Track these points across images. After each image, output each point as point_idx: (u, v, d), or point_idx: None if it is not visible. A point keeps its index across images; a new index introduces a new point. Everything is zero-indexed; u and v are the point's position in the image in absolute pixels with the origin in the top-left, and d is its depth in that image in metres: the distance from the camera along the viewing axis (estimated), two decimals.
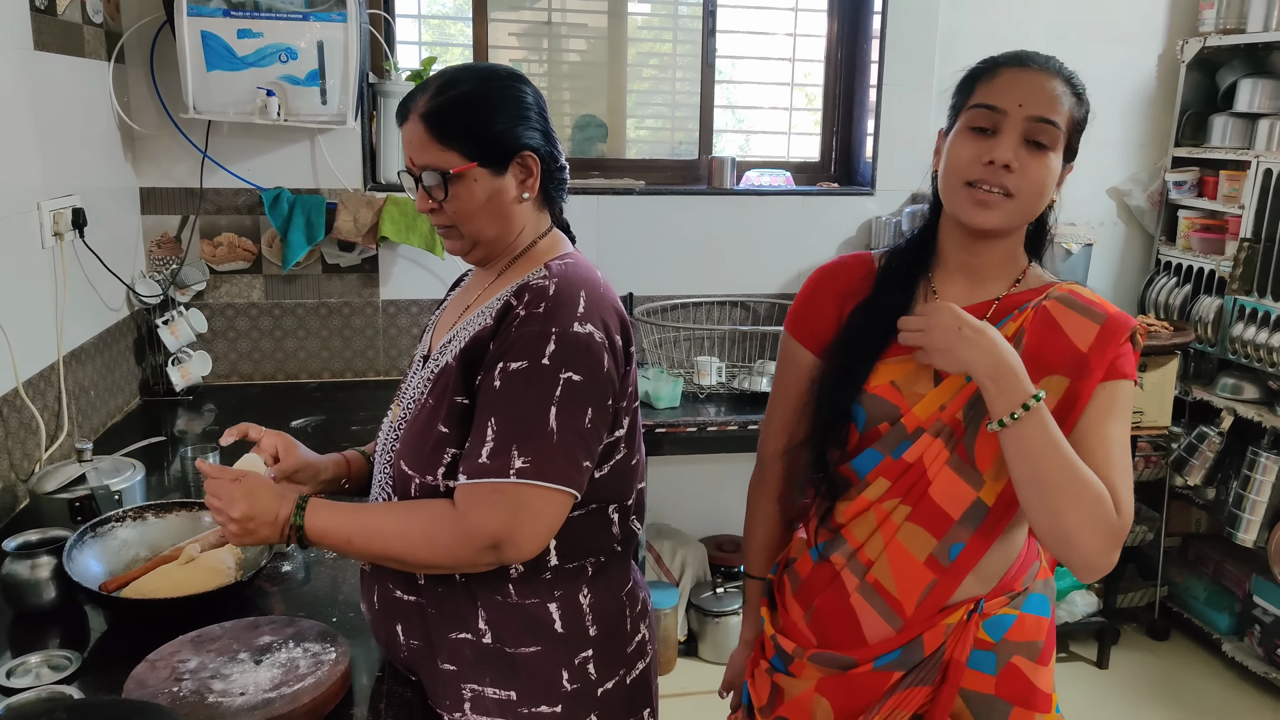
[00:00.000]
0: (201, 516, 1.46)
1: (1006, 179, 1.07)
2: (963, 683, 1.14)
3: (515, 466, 1.02)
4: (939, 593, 1.13)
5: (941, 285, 1.17)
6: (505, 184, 1.12)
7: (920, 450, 1.11)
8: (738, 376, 2.70)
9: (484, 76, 1.12)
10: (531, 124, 1.13)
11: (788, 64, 3.02)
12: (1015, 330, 1.11)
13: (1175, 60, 3.01)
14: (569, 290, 1.08)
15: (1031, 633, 1.17)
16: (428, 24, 2.88)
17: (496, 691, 1.12)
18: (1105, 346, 1.08)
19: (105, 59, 2.23)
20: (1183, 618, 2.99)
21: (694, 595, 2.85)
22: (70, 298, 1.94)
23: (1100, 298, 1.14)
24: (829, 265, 1.26)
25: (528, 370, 1.04)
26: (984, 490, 1.10)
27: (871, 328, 1.16)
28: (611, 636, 1.18)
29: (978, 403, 1.09)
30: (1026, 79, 1.09)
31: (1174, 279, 3.02)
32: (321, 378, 2.64)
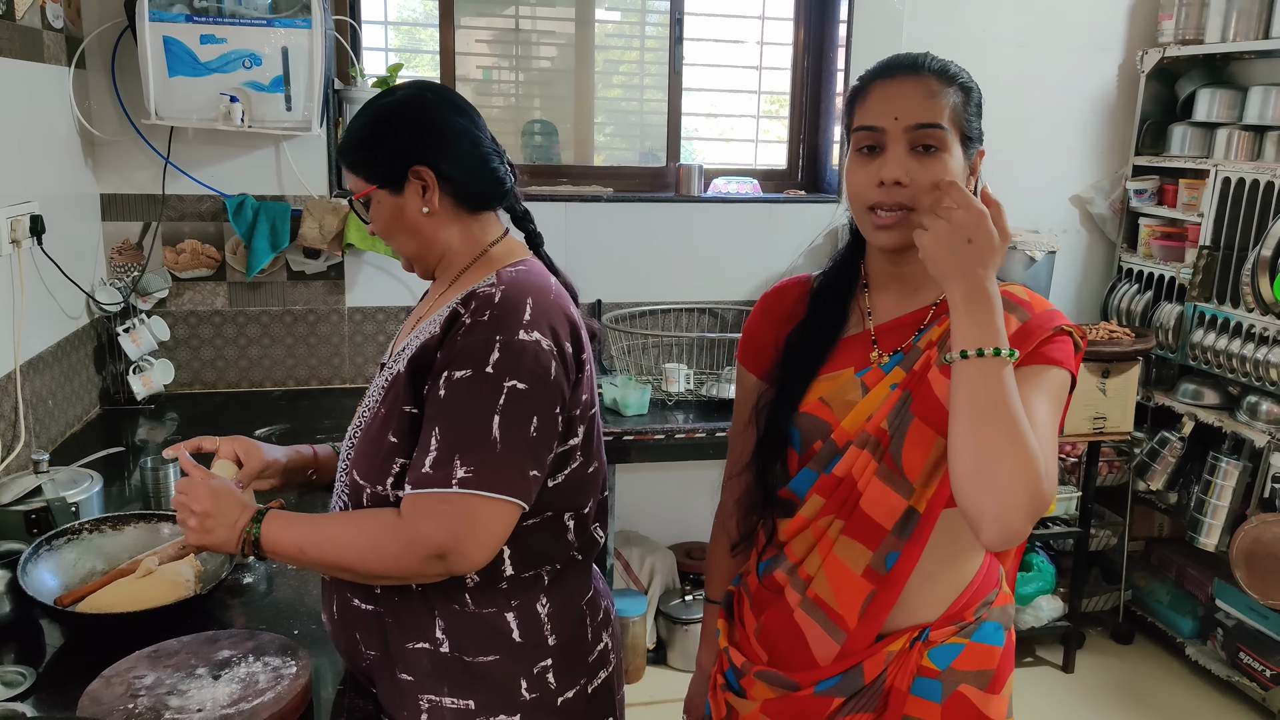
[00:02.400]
0: (160, 528, 1.44)
1: (900, 195, 1.06)
2: (908, 710, 1.13)
3: (458, 476, 1.02)
4: (879, 603, 1.11)
5: (875, 300, 1.17)
6: (405, 200, 1.15)
7: (849, 463, 1.11)
8: (706, 383, 2.70)
9: (378, 104, 1.17)
10: (432, 140, 1.14)
11: (755, 72, 3.05)
12: (941, 333, 1.10)
13: (1135, 70, 3.07)
14: (515, 297, 1.08)
15: (981, 661, 1.14)
16: (397, 30, 2.87)
17: (455, 701, 1.12)
18: (1025, 340, 1.05)
19: (65, 64, 2.20)
20: (1146, 621, 3.03)
21: (663, 603, 2.85)
22: (28, 306, 1.91)
23: (1036, 298, 1.12)
24: (770, 291, 1.28)
25: (471, 379, 1.04)
26: (914, 498, 1.09)
27: (805, 349, 1.17)
28: (571, 646, 1.17)
29: (901, 410, 1.09)
30: (895, 89, 1.08)
31: (1136, 286, 3.07)
32: (286, 386, 2.61)
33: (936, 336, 1.10)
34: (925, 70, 1.09)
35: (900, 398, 1.09)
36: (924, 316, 1.13)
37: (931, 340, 1.10)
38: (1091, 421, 2.70)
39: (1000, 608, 1.18)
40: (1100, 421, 2.71)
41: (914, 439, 1.07)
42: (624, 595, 2.75)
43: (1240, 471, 2.63)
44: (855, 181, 1.09)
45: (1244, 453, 2.65)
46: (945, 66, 1.11)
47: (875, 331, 1.15)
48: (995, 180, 1.35)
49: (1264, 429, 2.58)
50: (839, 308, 1.18)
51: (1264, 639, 2.64)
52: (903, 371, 1.11)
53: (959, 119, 1.08)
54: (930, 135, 1.06)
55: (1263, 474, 2.57)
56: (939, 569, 1.12)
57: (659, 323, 2.88)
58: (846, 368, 1.14)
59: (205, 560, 1.39)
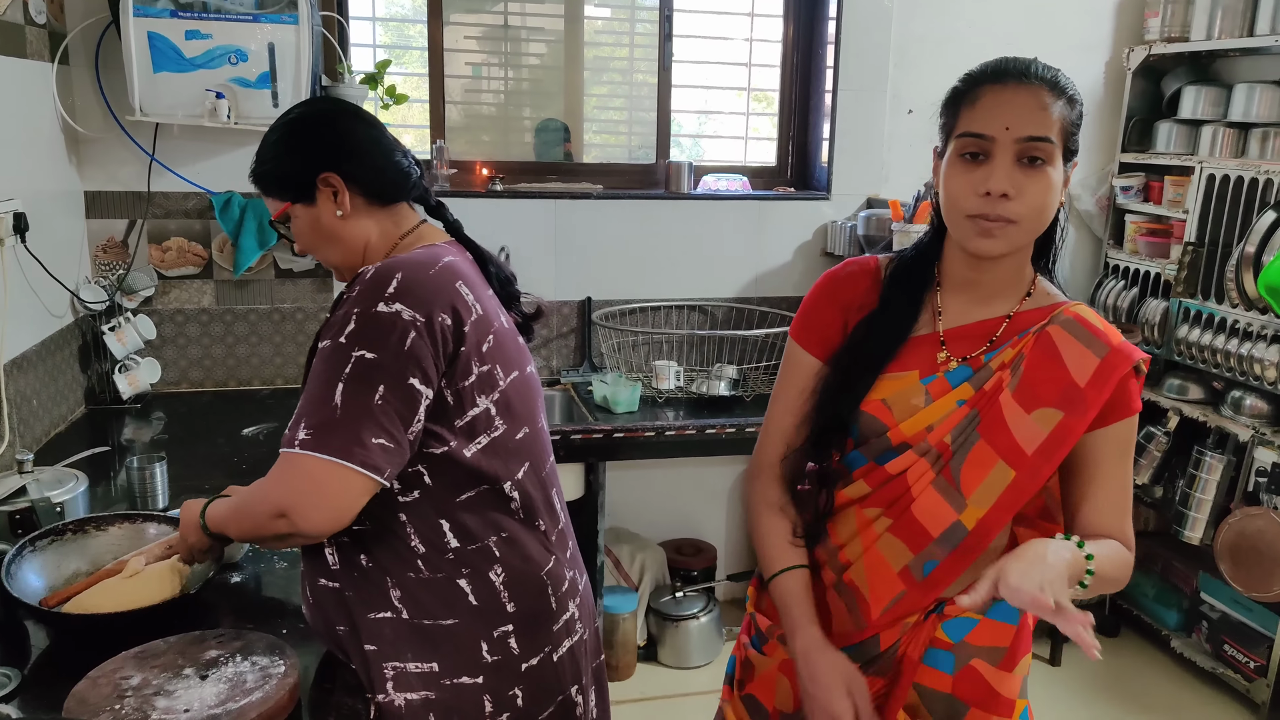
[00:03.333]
0: (145, 528, 1.43)
1: (1005, 208, 1.04)
2: (920, 679, 1.15)
3: (299, 438, 1.07)
4: (906, 603, 1.13)
5: (947, 302, 1.16)
6: (320, 209, 1.22)
7: (905, 464, 1.12)
8: (696, 380, 2.71)
9: (279, 125, 1.24)
10: (333, 146, 1.21)
11: (744, 69, 3.05)
12: (1014, 356, 1.10)
13: (1122, 67, 3.09)
14: (384, 273, 1.12)
15: (995, 638, 1.16)
16: (385, 26, 2.85)
17: (419, 665, 1.16)
18: (1104, 383, 1.06)
19: (49, 60, 2.18)
20: (1132, 615, 3.06)
21: (653, 600, 2.86)
22: (11, 304, 1.89)
23: (1111, 328, 1.11)
24: (835, 272, 1.24)
25: (328, 349, 1.09)
26: (965, 514, 1.09)
27: (876, 342, 1.15)
28: (534, 614, 1.21)
29: (966, 428, 1.09)
30: (1008, 98, 1.05)
31: (1122, 282, 3.09)
32: (274, 384, 2.60)
33: (1010, 359, 1.10)
34: (1037, 79, 1.06)
35: (968, 415, 1.09)
36: (996, 328, 1.13)
37: (1004, 362, 1.10)
38: None
39: None
40: None
41: (975, 458, 1.08)
42: (614, 592, 2.75)
43: (1224, 465, 2.65)
44: (956, 188, 1.07)
45: (1228, 447, 2.67)
46: (1056, 76, 1.08)
47: (945, 335, 1.14)
48: None
49: (1248, 423, 2.60)
50: (912, 306, 1.16)
51: (1248, 631, 2.66)
52: (971, 389, 1.11)
53: (1065, 132, 1.07)
54: (1038, 148, 1.04)
55: (1246, 468, 2.59)
56: (971, 569, 1.12)
57: (649, 320, 2.88)
58: (912, 370, 1.13)
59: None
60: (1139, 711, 2.70)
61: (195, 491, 1.75)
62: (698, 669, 2.79)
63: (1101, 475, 1.10)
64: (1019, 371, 1.08)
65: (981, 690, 1.16)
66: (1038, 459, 1.07)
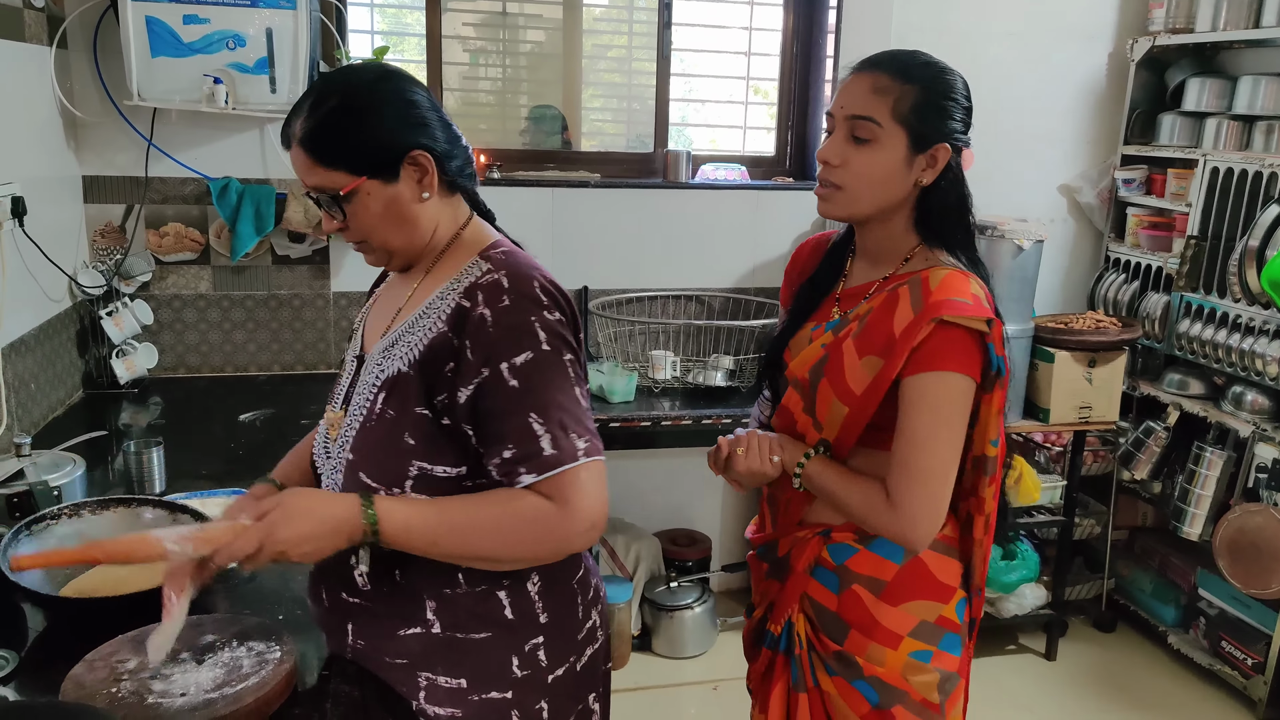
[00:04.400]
0: (141, 513, 1.43)
1: (831, 174, 1.24)
2: (812, 593, 1.35)
3: (580, 448, 1.04)
4: (794, 509, 1.36)
5: (853, 267, 1.37)
6: (400, 189, 1.09)
7: (789, 397, 1.35)
8: (692, 371, 2.70)
9: (354, 85, 1.08)
10: (418, 120, 1.09)
11: (743, 58, 3.03)
12: (865, 310, 1.27)
13: (1125, 59, 3.07)
14: (522, 278, 1.07)
15: (874, 569, 1.30)
16: (383, 13, 2.84)
17: (448, 680, 1.13)
18: (911, 334, 1.18)
19: (47, 44, 2.17)
20: (1129, 610, 3.06)
21: (648, 590, 2.86)
22: (9, 288, 1.89)
23: (947, 287, 1.20)
24: (802, 244, 1.49)
25: (536, 359, 1.04)
26: (822, 436, 1.29)
27: (804, 299, 1.39)
28: (562, 623, 1.18)
29: (818, 368, 1.29)
30: (852, 82, 1.23)
31: (1122, 275, 3.08)
32: (271, 370, 2.60)
33: (862, 312, 1.27)
34: (882, 68, 1.22)
35: (821, 357, 1.29)
36: (869, 288, 1.31)
37: (858, 314, 1.28)
38: (1077, 411, 2.72)
39: None
40: (1086, 411, 2.73)
41: (822, 393, 1.28)
42: (609, 582, 2.75)
43: (1225, 461, 2.64)
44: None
45: (1228, 443, 2.66)
46: (907, 66, 1.22)
47: (840, 294, 1.35)
48: (983, 169, 1.39)
49: (1248, 419, 2.60)
50: (833, 271, 1.37)
51: (1246, 628, 2.66)
52: (832, 336, 1.30)
53: (904, 116, 1.20)
54: (862, 126, 1.21)
55: (1246, 464, 2.59)
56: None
57: (645, 309, 2.88)
58: (816, 322, 1.35)
59: None
60: (1135, 707, 2.70)
61: (191, 478, 1.76)
62: (692, 659, 2.80)
63: (899, 425, 1.21)
64: (864, 322, 1.26)
65: (862, 615, 1.30)
66: (864, 399, 1.23)
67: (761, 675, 1.42)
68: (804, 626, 1.35)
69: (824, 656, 1.34)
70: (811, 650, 1.35)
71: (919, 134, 1.21)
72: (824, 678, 1.34)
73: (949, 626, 1.32)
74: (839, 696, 1.33)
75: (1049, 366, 2.69)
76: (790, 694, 1.37)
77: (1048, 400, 2.70)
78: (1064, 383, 2.69)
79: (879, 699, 1.31)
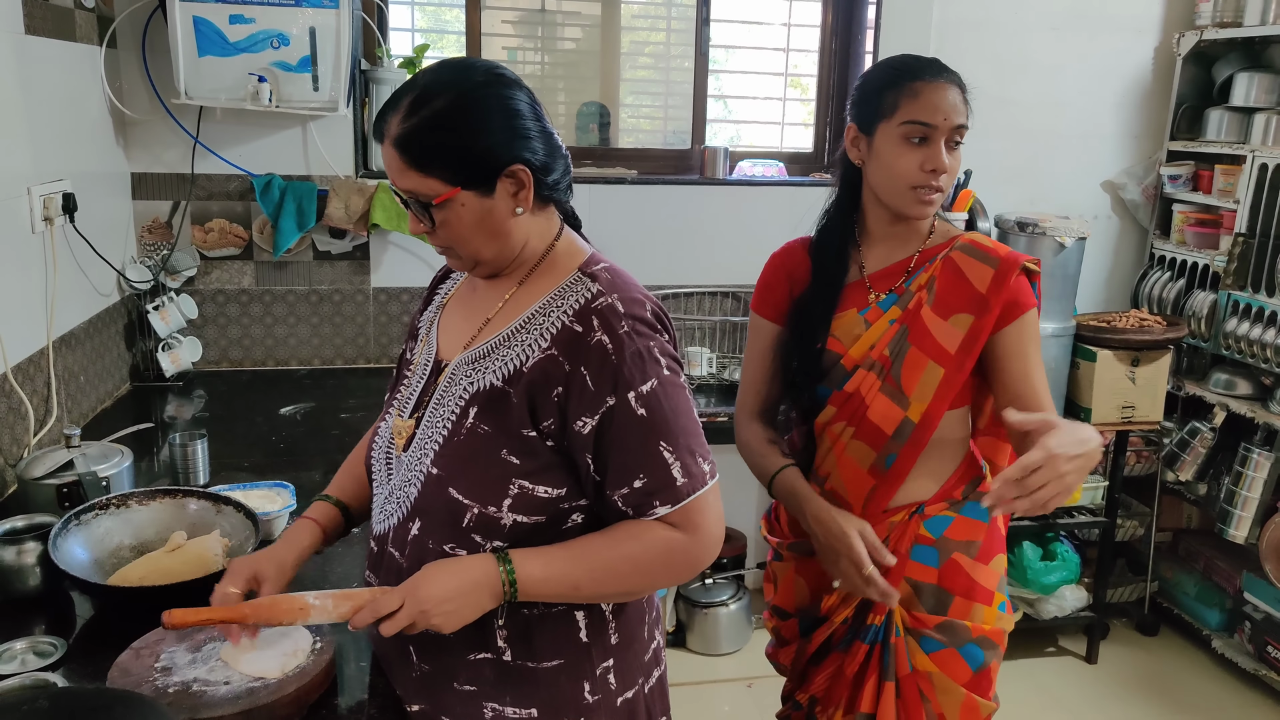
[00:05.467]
0: (186, 504, 1.45)
1: (939, 181, 1.34)
2: (910, 574, 1.38)
3: (706, 470, 1.05)
4: (880, 495, 1.39)
5: (868, 254, 1.44)
6: (496, 202, 1.04)
7: (858, 382, 1.38)
8: (728, 367, 2.70)
9: (459, 89, 1.01)
10: (520, 132, 1.03)
11: (782, 54, 3.01)
12: (928, 279, 1.38)
13: (1171, 53, 3.00)
14: (636, 303, 1.07)
15: (969, 533, 1.39)
16: (422, 10, 2.86)
17: (516, 710, 1.09)
18: (1000, 286, 1.34)
19: (97, 44, 2.22)
20: (1172, 613, 3.00)
21: (682, 586, 2.86)
22: (60, 283, 1.94)
23: (996, 243, 1.39)
24: (778, 252, 1.53)
25: (661, 388, 1.04)
26: (910, 410, 1.35)
27: (819, 300, 1.42)
28: (630, 644, 1.15)
29: (900, 340, 1.36)
30: (944, 94, 1.33)
31: (1168, 273, 3.02)
32: (312, 364, 2.64)
33: (925, 281, 1.38)
34: (953, 77, 1.36)
35: (899, 330, 1.37)
36: (909, 263, 1.41)
37: (921, 284, 1.38)
38: (1119, 410, 2.67)
39: (984, 492, 1.37)
40: (1129, 410, 2.68)
41: (911, 362, 1.35)
42: None
43: (1272, 463, 2.58)
44: (903, 165, 1.34)
45: (1276, 444, 2.60)
46: (957, 76, 1.38)
47: (869, 279, 1.42)
48: (1024, 165, 1.40)
49: None
50: (840, 263, 1.44)
51: None
52: (899, 310, 1.38)
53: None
54: (961, 133, 1.35)
55: None
56: (930, 463, 1.39)
57: (682, 306, 2.87)
58: (850, 309, 1.41)
59: (231, 536, 1.41)
60: (1177, 712, 2.65)
61: (234, 470, 1.79)
62: (726, 656, 2.79)
63: (1012, 371, 1.34)
64: (933, 290, 1.37)
65: (963, 580, 1.38)
66: (960, 355, 1.34)
67: (854, 674, 1.41)
68: (899, 611, 1.39)
69: (924, 634, 1.38)
70: (908, 633, 1.39)
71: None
72: (921, 659, 1.39)
73: (1005, 574, 1.46)
74: (940, 673, 1.38)
75: (1090, 365, 2.65)
76: (879, 684, 1.39)
77: (1089, 400, 2.65)
78: (1106, 382, 2.64)
79: (982, 657, 1.39)
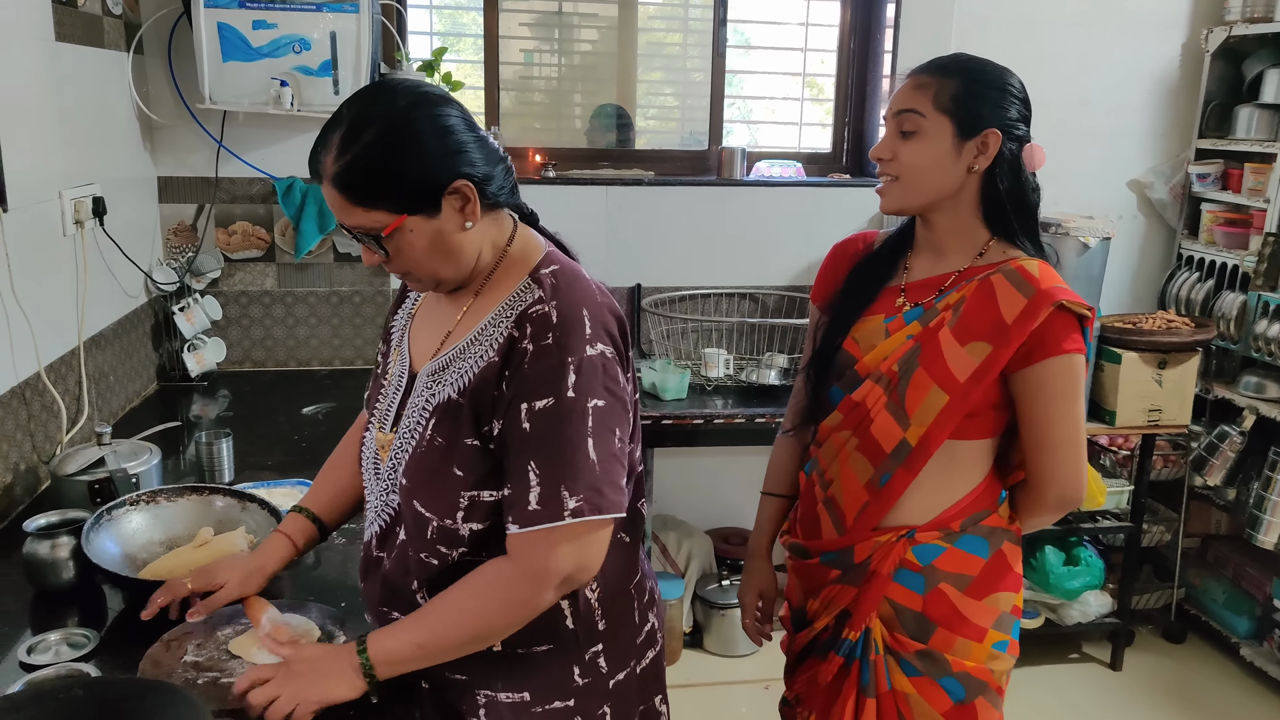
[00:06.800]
0: (213, 501, 1.48)
1: (886, 168, 1.32)
2: (893, 595, 1.34)
3: (570, 508, 1.01)
4: (871, 512, 1.34)
5: (914, 261, 1.39)
6: (444, 222, 1.03)
7: (865, 392, 1.34)
8: (746, 369, 2.69)
9: (387, 117, 1.00)
10: (455, 147, 1.02)
11: (799, 54, 3.01)
12: (957, 299, 1.30)
13: (1199, 49, 2.96)
14: (571, 312, 1.04)
15: (961, 566, 1.33)
16: (440, 14, 2.89)
17: (509, 695, 1.12)
18: (1028, 319, 1.24)
19: (125, 50, 2.26)
20: (1200, 620, 2.95)
21: (699, 587, 2.86)
22: (90, 284, 1.97)
23: (1049, 275, 1.27)
24: (840, 242, 1.52)
25: (555, 407, 1.01)
26: (909, 432, 1.29)
27: (857, 291, 1.40)
28: (620, 629, 1.17)
29: (910, 358, 1.30)
30: (901, 88, 1.31)
31: (1196, 274, 2.98)
32: (332, 365, 2.66)
33: (954, 301, 1.30)
34: (922, 70, 1.30)
35: (912, 347, 1.30)
36: (947, 279, 1.34)
37: (949, 304, 1.31)
38: (1146, 414, 2.63)
39: (990, 527, 1.35)
40: (1155, 414, 2.64)
41: (916, 382, 1.29)
42: (661, 579, 2.76)
43: None
44: None
45: None
46: (946, 64, 1.30)
47: (906, 286, 1.37)
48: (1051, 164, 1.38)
49: None
50: (890, 265, 1.40)
51: None
52: (920, 325, 1.31)
53: (946, 105, 1.27)
54: (907, 119, 1.29)
55: None
56: (930, 487, 1.32)
57: (699, 307, 2.87)
58: (878, 314, 1.36)
59: (256, 532, 1.43)
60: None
61: (258, 468, 1.81)
62: (743, 658, 2.79)
63: (1029, 415, 1.28)
64: (959, 311, 1.29)
65: (949, 612, 1.32)
66: (968, 384, 1.26)
67: (828, 684, 1.40)
68: (879, 630, 1.35)
69: (903, 657, 1.34)
70: (888, 652, 1.35)
71: (963, 120, 1.27)
72: (900, 679, 1.34)
73: (1017, 614, 1.39)
74: (919, 696, 1.34)
75: (1115, 368, 2.62)
76: (859, 699, 1.36)
77: (1114, 402, 2.62)
78: (1132, 384, 2.61)
79: (964, 693, 1.33)
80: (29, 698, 0.96)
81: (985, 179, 1.29)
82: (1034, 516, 1.36)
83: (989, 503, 1.35)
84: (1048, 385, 1.25)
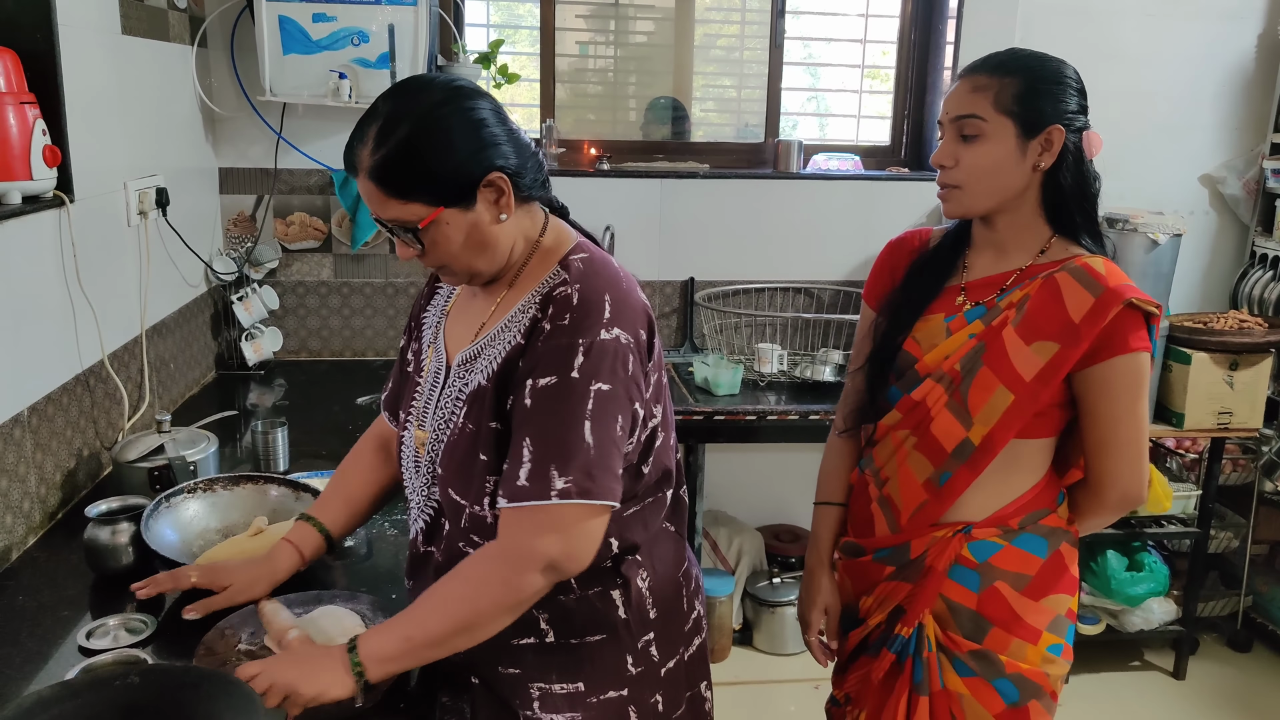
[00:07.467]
0: (268, 490, 1.50)
1: (946, 176, 1.29)
2: (948, 593, 1.32)
3: (557, 488, 0.99)
4: (929, 511, 1.33)
5: (973, 260, 1.37)
6: (479, 214, 1.05)
7: (926, 391, 1.32)
8: (799, 365, 2.65)
9: (421, 111, 1.01)
10: (488, 140, 1.03)
11: (859, 45, 2.94)
12: (1021, 297, 1.27)
13: (1275, 40, 2.83)
14: (593, 297, 1.04)
15: (1018, 565, 1.31)
16: (496, 6, 2.89)
17: (564, 686, 1.12)
18: (1097, 318, 1.21)
19: (189, 43, 2.30)
20: (1267, 629, 2.85)
21: (750, 584, 2.83)
22: (153, 274, 2.01)
23: (1115, 272, 1.25)
24: (894, 240, 1.49)
25: (558, 385, 1.01)
26: (972, 431, 1.28)
27: (917, 290, 1.37)
28: (671, 617, 1.19)
29: (974, 357, 1.28)
30: (954, 90, 1.29)
31: (1270, 272, 2.86)
32: (387, 355, 2.69)
33: (1018, 299, 1.28)
34: (977, 70, 1.27)
35: (975, 346, 1.28)
36: (1009, 278, 1.32)
37: (1012, 302, 1.28)
38: (1215, 416, 2.54)
39: (1049, 527, 1.32)
40: (1225, 417, 2.54)
41: (980, 383, 1.27)
42: (711, 575, 2.74)
43: None
44: None
45: None
46: (1003, 62, 1.27)
47: (966, 285, 1.35)
48: (1116, 158, 1.34)
49: None
50: (949, 263, 1.38)
51: None
52: (982, 325, 1.30)
53: (1006, 104, 1.24)
54: (968, 124, 1.26)
55: None
56: (990, 485, 1.30)
57: (753, 302, 2.84)
58: (939, 313, 1.34)
59: None
60: None
61: (312, 457, 1.84)
62: (792, 656, 2.76)
63: (1092, 413, 1.26)
64: (1023, 310, 1.26)
65: (1004, 611, 1.30)
66: (1035, 384, 1.24)
67: (880, 682, 1.38)
68: (932, 626, 1.33)
69: (957, 656, 1.32)
70: (941, 651, 1.33)
71: (1026, 120, 1.24)
72: (953, 679, 1.33)
73: (1072, 618, 1.36)
74: (972, 697, 1.32)
75: (1184, 368, 2.52)
76: (911, 697, 1.35)
77: (1182, 404, 2.53)
78: (1201, 386, 2.52)
79: (1018, 696, 1.31)
80: (86, 684, 0.98)
81: (1048, 176, 1.27)
82: (1093, 517, 1.34)
83: (1048, 501, 1.33)
84: (1113, 384, 1.23)
